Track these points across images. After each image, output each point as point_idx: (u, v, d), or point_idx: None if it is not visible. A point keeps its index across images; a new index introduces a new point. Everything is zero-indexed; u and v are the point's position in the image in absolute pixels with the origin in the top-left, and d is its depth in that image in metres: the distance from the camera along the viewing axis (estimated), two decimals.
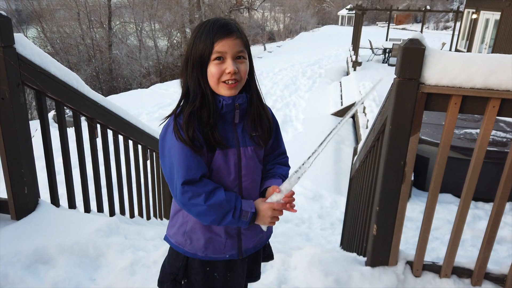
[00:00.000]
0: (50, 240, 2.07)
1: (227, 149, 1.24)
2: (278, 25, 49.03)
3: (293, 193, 1.24)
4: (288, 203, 1.24)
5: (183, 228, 1.33)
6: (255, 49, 35.65)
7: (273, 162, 1.43)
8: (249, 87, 1.30)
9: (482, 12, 12.61)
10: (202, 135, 1.19)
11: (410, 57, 1.62)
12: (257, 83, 1.33)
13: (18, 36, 2.10)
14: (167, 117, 1.26)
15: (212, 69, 1.18)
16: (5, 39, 1.99)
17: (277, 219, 1.25)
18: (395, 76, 1.68)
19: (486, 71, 1.57)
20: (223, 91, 1.21)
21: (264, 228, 1.28)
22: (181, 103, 1.24)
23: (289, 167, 1.45)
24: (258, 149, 1.32)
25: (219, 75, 1.18)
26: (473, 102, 1.63)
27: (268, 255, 1.58)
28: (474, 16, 13.01)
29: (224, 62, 1.18)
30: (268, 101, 11.67)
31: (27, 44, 2.15)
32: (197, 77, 1.21)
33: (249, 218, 1.21)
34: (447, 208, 4.89)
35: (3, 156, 2.15)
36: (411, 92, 1.65)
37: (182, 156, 1.17)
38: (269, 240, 1.55)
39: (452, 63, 1.60)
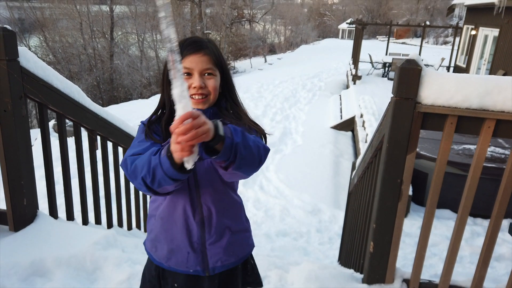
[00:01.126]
0: (48, 253, 2.07)
1: None
2: (279, 37, 49.44)
3: (188, 115, 0.90)
4: (176, 126, 0.90)
5: (151, 235, 1.35)
6: (256, 61, 35.87)
7: None
8: (225, 100, 1.32)
9: (481, 28, 12.75)
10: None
11: (407, 77, 1.65)
12: (237, 97, 1.34)
13: (22, 50, 2.13)
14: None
15: None
16: (9, 53, 2.03)
17: (184, 147, 0.91)
18: (392, 95, 1.71)
19: (482, 92, 1.60)
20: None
21: (187, 165, 0.96)
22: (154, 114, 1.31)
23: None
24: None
25: None
26: (469, 122, 1.66)
27: (254, 281, 1.47)
28: (473, 32, 13.15)
29: (191, 78, 1.22)
30: (268, 113, 11.70)
31: (30, 57, 2.19)
32: (169, 92, 1.23)
33: (165, 152, 0.99)
34: (445, 224, 4.89)
35: (4, 167, 2.16)
36: (408, 111, 1.67)
37: (139, 136, 1.23)
38: (267, 254, 1.52)
39: (448, 84, 1.63)
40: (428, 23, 17.40)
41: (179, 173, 1.00)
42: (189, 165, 0.95)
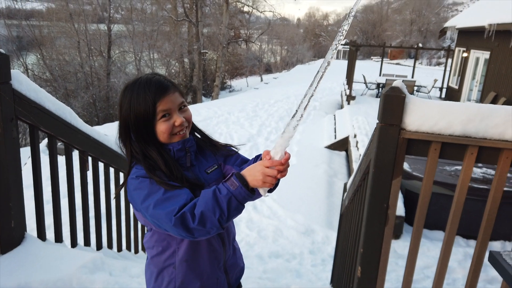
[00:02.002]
0: (34, 276, 2.05)
1: (199, 188, 1.24)
2: (275, 57, 50.08)
3: (289, 157, 1.11)
4: (283, 164, 1.11)
5: (172, 285, 1.31)
6: (252, 80, 36.17)
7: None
8: (194, 130, 1.37)
9: (472, 50, 13.00)
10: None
11: (391, 104, 1.68)
12: (196, 126, 1.40)
13: (15, 72, 2.16)
14: (122, 184, 1.30)
15: (162, 127, 1.22)
16: (2, 76, 2.05)
17: (273, 179, 1.10)
18: (378, 121, 1.74)
19: (464, 120, 1.63)
20: (177, 141, 1.27)
21: (263, 192, 1.14)
22: (135, 162, 1.25)
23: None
24: (220, 180, 1.29)
25: (170, 130, 1.23)
26: (453, 148, 1.69)
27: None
28: (465, 54, 13.40)
29: (171, 117, 1.23)
30: (263, 132, 11.76)
31: (23, 79, 2.21)
32: (146, 141, 1.22)
33: (238, 183, 1.09)
34: (438, 245, 4.87)
35: None
36: (393, 137, 1.70)
37: (154, 189, 1.16)
38: (259, 276, 1.57)
39: (431, 111, 1.67)
40: (421, 45, 17.72)
41: (252, 198, 1.13)
42: (264, 193, 1.14)
